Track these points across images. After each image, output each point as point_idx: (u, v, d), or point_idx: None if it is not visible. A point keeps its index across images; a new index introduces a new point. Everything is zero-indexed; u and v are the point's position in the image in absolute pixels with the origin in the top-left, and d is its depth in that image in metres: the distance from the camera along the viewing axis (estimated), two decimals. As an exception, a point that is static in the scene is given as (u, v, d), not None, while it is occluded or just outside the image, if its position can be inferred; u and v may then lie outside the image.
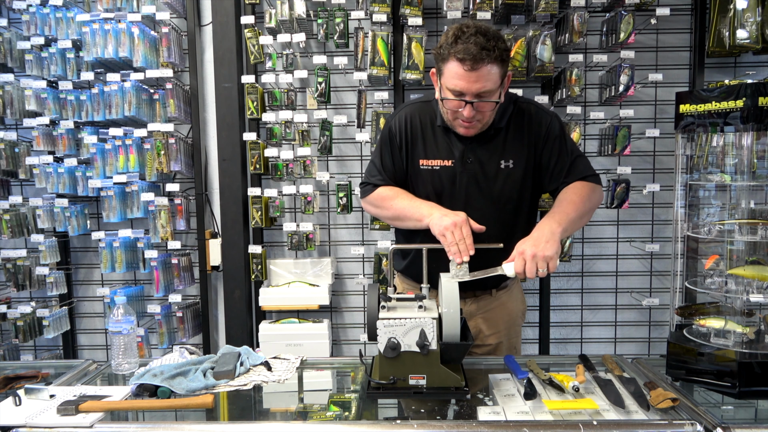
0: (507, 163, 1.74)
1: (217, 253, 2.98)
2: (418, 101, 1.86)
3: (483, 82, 1.56)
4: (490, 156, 1.74)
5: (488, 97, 1.60)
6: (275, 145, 2.90)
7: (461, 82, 1.56)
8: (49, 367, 1.72)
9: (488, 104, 1.62)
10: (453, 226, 1.57)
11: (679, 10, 2.83)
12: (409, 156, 1.80)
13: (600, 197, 1.80)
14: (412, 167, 1.80)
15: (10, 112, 2.90)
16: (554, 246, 1.52)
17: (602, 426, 1.24)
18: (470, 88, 1.57)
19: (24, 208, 2.94)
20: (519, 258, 1.52)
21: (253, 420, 1.41)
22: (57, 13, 2.84)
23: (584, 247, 3.02)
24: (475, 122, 1.65)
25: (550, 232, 1.55)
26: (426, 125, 1.78)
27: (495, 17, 2.73)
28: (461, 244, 1.55)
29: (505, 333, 1.91)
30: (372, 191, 1.84)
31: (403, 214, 1.76)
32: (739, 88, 1.37)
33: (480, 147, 1.74)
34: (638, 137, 2.82)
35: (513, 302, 1.95)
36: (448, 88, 1.60)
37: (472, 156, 1.74)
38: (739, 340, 1.43)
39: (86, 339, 3.23)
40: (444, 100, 1.63)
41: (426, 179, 1.78)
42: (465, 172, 1.75)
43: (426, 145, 1.78)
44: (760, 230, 1.43)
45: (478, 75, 1.55)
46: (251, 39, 2.81)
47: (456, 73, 1.56)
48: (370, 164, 1.89)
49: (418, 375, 1.43)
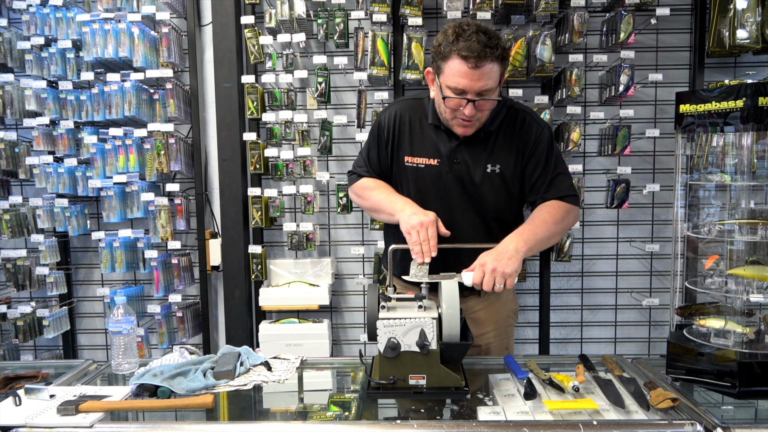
0: (494, 167, 1.74)
1: (217, 253, 2.98)
2: (411, 98, 1.85)
3: (485, 80, 1.56)
4: (477, 159, 1.73)
5: (489, 95, 1.60)
6: (275, 145, 2.90)
7: (464, 80, 1.55)
8: (49, 367, 1.72)
9: (488, 102, 1.61)
10: (419, 226, 1.57)
11: (679, 10, 2.82)
12: (395, 152, 1.80)
13: (575, 219, 1.79)
14: (396, 163, 1.81)
15: (10, 112, 2.90)
16: (515, 264, 1.52)
17: (602, 426, 1.24)
18: (473, 86, 1.56)
19: (24, 208, 2.94)
20: (479, 269, 1.52)
21: (253, 420, 1.41)
22: (57, 13, 2.84)
23: (584, 247, 3.02)
24: (474, 121, 1.64)
25: (514, 249, 1.55)
26: (415, 122, 1.78)
27: (495, 17, 2.73)
28: (425, 245, 1.55)
29: (494, 334, 1.91)
30: (356, 180, 1.87)
31: (378, 206, 1.77)
32: (739, 88, 1.37)
33: (468, 148, 1.73)
34: (638, 137, 2.82)
35: (501, 303, 1.93)
36: (449, 87, 1.59)
37: (459, 157, 1.73)
38: (739, 340, 1.43)
39: (86, 339, 3.23)
40: (445, 98, 1.62)
41: (410, 176, 1.78)
42: (451, 172, 1.74)
43: (413, 142, 1.78)
44: (760, 230, 1.43)
45: (481, 73, 1.54)
46: (251, 39, 2.81)
47: (458, 71, 1.55)
48: (359, 155, 1.91)
49: (418, 375, 1.43)
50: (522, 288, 3.03)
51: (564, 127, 2.76)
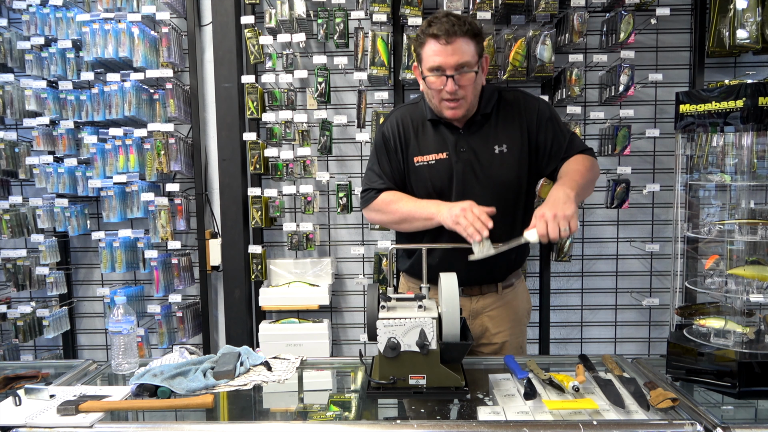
0: (501, 147, 1.78)
1: (217, 253, 2.98)
2: (406, 104, 1.93)
3: (459, 55, 1.64)
4: (482, 143, 1.78)
5: (467, 69, 1.66)
6: (275, 145, 2.90)
7: (439, 57, 1.65)
8: (49, 367, 1.72)
9: (468, 77, 1.67)
10: (462, 212, 1.60)
11: (679, 10, 2.83)
12: (405, 156, 1.83)
13: (598, 170, 1.88)
14: (408, 167, 1.83)
15: (10, 112, 2.90)
16: (572, 206, 1.55)
17: (602, 426, 1.24)
18: (448, 61, 1.64)
19: (24, 208, 2.94)
20: (540, 221, 1.54)
21: (253, 420, 1.41)
22: (57, 13, 2.84)
23: (584, 247, 3.02)
24: (460, 100, 1.69)
25: (565, 195, 1.58)
26: (417, 124, 1.84)
27: (495, 17, 2.73)
28: (476, 224, 1.58)
29: (510, 332, 1.92)
30: (375, 197, 1.86)
31: (410, 216, 1.78)
32: (739, 88, 1.37)
33: (471, 136, 1.79)
34: (638, 137, 2.82)
35: (518, 301, 1.95)
36: (428, 69, 1.68)
37: (465, 146, 1.78)
38: (739, 340, 1.43)
39: (86, 339, 3.23)
40: (426, 79, 1.69)
41: (424, 175, 1.81)
42: (460, 161, 1.78)
43: (419, 142, 1.82)
44: (760, 230, 1.43)
45: (453, 48, 1.64)
46: (251, 39, 2.81)
47: (433, 50, 1.65)
48: (369, 172, 1.91)
49: (418, 375, 1.43)
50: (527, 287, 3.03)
51: (564, 127, 2.76)
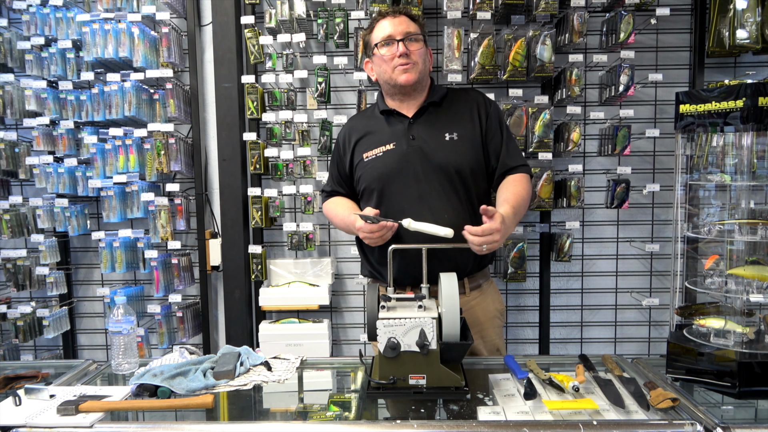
0: (452, 135, 1.86)
1: (217, 253, 2.98)
2: (360, 112, 2.09)
3: (405, 25, 1.85)
4: (433, 131, 1.87)
5: (414, 38, 1.84)
6: (275, 145, 2.90)
7: (388, 28, 1.84)
8: (49, 367, 1.72)
9: (417, 45, 1.84)
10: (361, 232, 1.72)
11: (679, 10, 2.82)
12: (354, 156, 1.94)
13: (531, 190, 1.96)
14: (359, 165, 1.92)
15: (10, 112, 2.90)
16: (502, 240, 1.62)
17: (602, 426, 1.24)
18: (396, 29, 1.83)
19: (24, 208, 2.94)
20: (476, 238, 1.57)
21: (253, 420, 1.41)
22: (57, 13, 2.84)
23: (584, 247, 3.02)
24: (411, 64, 1.83)
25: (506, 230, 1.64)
26: (366, 124, 1.97)
27: (495, 17, 2.73)
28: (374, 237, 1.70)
29: (482, 334, 1.91)
30: (325, 200, 2.08)
31: (343, 227, 1.96)
32: (739, 88, 1.37)
33: (421, 125, 1.88)
34: (638, 137, 2.82)
35: (486, 302, 1.95)
36: (380, 43, 1.85)
37: (415, 134, 1.86)
38: (739, 340, 1.43)
39: (86, 339, 3.23)
40: (378, 56, 1.85)
41: (372, 168, 1.88)
42: (410, 149, 1.85)
43: (368, 139, 1.92)
44: (760, 230, 1.43)
45: (399, 21, 1.85)
46: (251, 39, 2.81)
47: (382, 26, 1.86)
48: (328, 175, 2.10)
49: (418, 375, 1.43)
50: (522, 288, 3.04)
51: (564, 127, 2.76)
